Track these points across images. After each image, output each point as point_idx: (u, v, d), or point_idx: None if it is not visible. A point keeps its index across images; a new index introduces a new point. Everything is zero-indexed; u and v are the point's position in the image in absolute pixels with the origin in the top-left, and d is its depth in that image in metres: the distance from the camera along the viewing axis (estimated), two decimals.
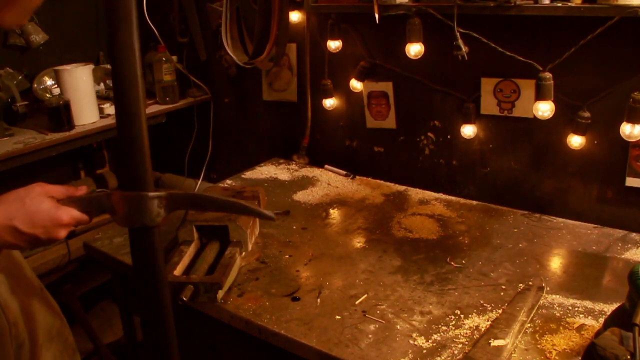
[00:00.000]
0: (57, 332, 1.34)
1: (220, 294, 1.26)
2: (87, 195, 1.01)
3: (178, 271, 1.29)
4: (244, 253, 1.43)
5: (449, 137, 1.90)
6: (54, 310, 1.34)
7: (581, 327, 1.15)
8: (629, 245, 1.49)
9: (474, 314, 1.21)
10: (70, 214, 0.97)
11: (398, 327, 1.17)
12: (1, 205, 0.94)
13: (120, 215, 0.91)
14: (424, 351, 1.09)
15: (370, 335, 1.14)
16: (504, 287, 1.31)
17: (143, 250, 0.91)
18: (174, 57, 2.48)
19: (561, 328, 1.15)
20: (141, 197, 0.88)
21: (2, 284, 1.21)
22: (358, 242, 1.55)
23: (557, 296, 1.27)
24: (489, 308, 1.23)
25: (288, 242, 1.56)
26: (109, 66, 2.59)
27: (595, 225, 1.60)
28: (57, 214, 0.95)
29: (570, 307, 1.22)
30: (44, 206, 0.95)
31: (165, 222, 0.91)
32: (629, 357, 0.85)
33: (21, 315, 1.23)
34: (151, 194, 0.89)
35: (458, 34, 1.62)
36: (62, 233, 0.98)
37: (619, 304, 1.09)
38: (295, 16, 2.07)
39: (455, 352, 1.09)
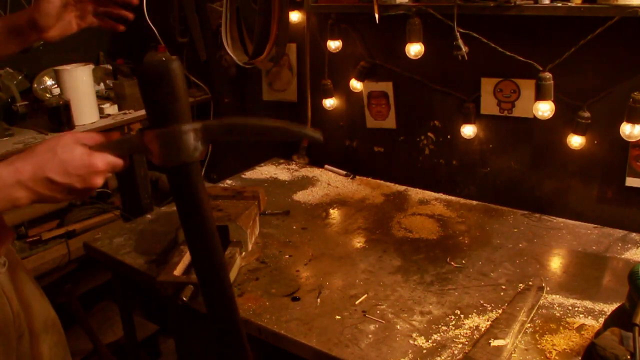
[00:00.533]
0: (52, 323, 1.34)
1: None
2: (119, 138, 0.97)
3: (178, 271, 1.29)
4: (244, 253, 1.43)
5: (449, 137, 1.90)
6: (48, 302, 1.34)
7: (581, 327, 1.15)
8: (629, 245, 1.49)
9: (474, 314, 1.21)
10: (105, 159, 0.91)
11: (398, 327, 1.17)
12: (32, 157, 0.88)
13: (155, 155, 0.84)
14: (424, 351, 1.09)
15: (370, 335, 1.14)
16: (504, 287, 1.31)
17: (184, 188, 0.85)
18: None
19: (561, 328, 1.15)
20: (175, 132, 0.82)
21: (4, 276, 1.21)
22: (358, 242, 1.55)
23: (557, 296, 1.27)
24: (489, 308, 1.23)
25: (288, 242, 1.56)
26: (109, 66, 2.59)
27: (595, 225, 1.60)
28: (92, 161, 0.89)
29: (570, 307, 1.22)
30: (77, 153, 0.89)
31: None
32: (628, 357, 0.85)
33: (20, 306, 1.23)
34: (185, 126, 0.82)
35: (458, 34, 1.62)
36: (99, 181, 0.93)
37: (619, 304, 1.09)
38: (295, 16, 2.07)
39: (455, 352, 1.09)
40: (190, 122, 0.83)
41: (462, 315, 1.20)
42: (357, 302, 1.26)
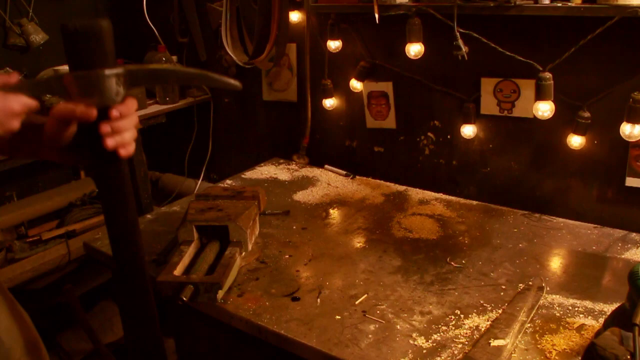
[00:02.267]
0: (33, 347, 1.27)
1: (220, 294, 1.26)
2: (37, 79, 0.95)
3: (178, 271, 1.29)
4: (244, 253, 1.43)
5: (449, 137, 1.91)
6: (29, 324, 1.27)
7: (581, 327, 1.15)
8: (629, 245, 1.49)
9: (474, 314, 1.21)
10: (21, 101, 0.87)
11: (398, 327, 1.17)
12: None
13: (74, 97, 0.82)
14: (424, 351, 1.09)
15: (370, 335, 1.14)
16: (504, 287, 1.31)
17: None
18: (174, 57, 2.48)
19: (561, 328, 1.15)
20: (97, 75, 0.81)
21: None
22: (358, 242, 1.55)
23: (557, 296, 1.27)
24: (489, 308, 1.23)
25: (288, 242, 1.56)
26: None
27: (595, 225, 1.60)
28: (7, 103, 0.85)
29: (570, 307, 1.22)
30: None
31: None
32: (628, 357, 0.85)
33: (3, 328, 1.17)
34: (107, 71, 0.82)
35: (458, 34, 1.62)
36: (16, 123, 0.88)
37: (619, 304, 1.09)
38: (295, 16, 2.07)
39: (455, 352, 1.09)
40: (112, 67, 0.83)
41: (462, 315, 1.20)
42: (357, 302, 1.26)
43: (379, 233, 1.60)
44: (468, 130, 1.81)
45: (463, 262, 1.43)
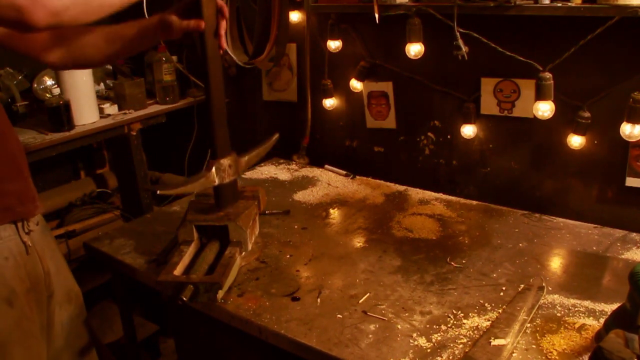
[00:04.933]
0: (75, 296, 1.43)
1: (220, 293, 1.26)
2: None
3: (178, 271, 1.29)
4: (244, 253, 1.43)
5: (449, 137, 1.91)
6: (72, 276, 1.44)
7: (581, 327, 1.15)
8: (629, 245, 1.49)
9: (474, 314, 1.21)
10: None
11: (398, 327, 1.17)
12: None
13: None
14: (424, 351, 1.09)
15: (370, 335, 1.14)
16: (504, 287, 1.31)
17: None
18: (174, 57, 2.47)
19: (561, 328, 1.15)
20: None
21: (37, 234, 1.30)
22: (358, 242, 1.55)
23: (558, 296, 1.27)
24: (489, 308, 1.23)
25: (288, 242, 1.56)
26: (109, 66, 2.59)
27: (595, 225, 1.60)
28: None
29: (570, 307, 1.22)
30: None
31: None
32: (635, 359, 0.85)
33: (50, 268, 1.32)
34: None
35: (458, 34, 1.62)
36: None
37: (619, 304, 1.09)
38: (295, 16, 2.07)
39: (456, 352, 1.09)
40: None
41: (462, 315, 1.20)
42: (357, 302, 1.26)
43: (379, 233, 1.60)
44: (468, 130, 1.81)
45: (463, 262, 1.42)
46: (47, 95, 2.14)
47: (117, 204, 2.61)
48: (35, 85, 2.31)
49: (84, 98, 2.13)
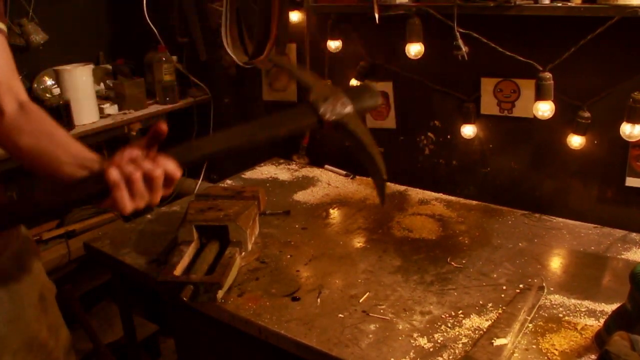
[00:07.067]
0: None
1: (220, 293, 1.26)
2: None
3: (178, 271, 1.29)
4: (243, 253, 1.43)
5: (449, 137, 1.90)
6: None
7: (582, 327, 1.15)
8: (629, 245, 1.49)
9: (474, 314, 1.21)
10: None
11: (399, 327, 1.17)
12: None
13: None
14: (425, 351, 1.09)
15: (370, 335, 1.14)
16: (504, 287, 1.31)
17: None
18: (174, 57, 2.48)
19: (562, 328, 1.15)
20: None
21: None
22: (358, 242, 1.55)
23: (558, 296, 1.27)
24: (489, 308, 1.23)
25: (288, 242, 1.56)
26: (109, 66, 2.59)
27: (595, 225, 1.60)
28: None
29: (570, 307, 1.22)
30: None
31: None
32: None
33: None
34: None
35: (458, 34, 1.62)
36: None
37: (619, 304, 1.09)
38: (295, 16, 2.07)
39: (456, 352, 1.09)
40: None
41: (462, 315, 1.20)
42: (357, 302, 1.26)
43: (379, 233, 1.60)
44: (468, 130, 1.81)
45: (463, 262, 1.42)
46: (47, 95, 2.14)
47: None
48: (35, 85, 2.31)
49: (84, 98, 2.13)
